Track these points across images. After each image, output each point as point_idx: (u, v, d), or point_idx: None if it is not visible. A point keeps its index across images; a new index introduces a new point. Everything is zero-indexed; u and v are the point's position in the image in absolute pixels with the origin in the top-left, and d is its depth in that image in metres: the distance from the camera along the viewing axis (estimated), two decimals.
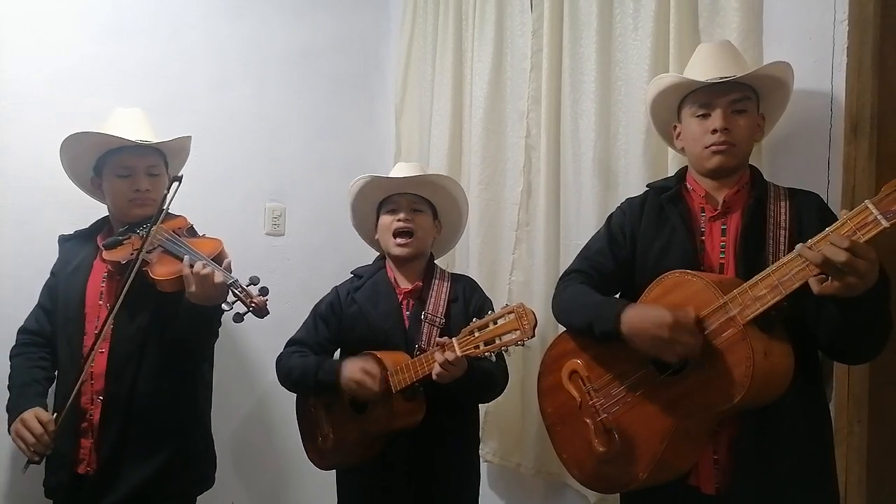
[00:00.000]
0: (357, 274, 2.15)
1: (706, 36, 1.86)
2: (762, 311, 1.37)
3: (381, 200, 2.11)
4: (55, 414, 1.82)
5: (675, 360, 1.45)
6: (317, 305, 2.14)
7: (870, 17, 1.64)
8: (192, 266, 1.78)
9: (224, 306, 1.77)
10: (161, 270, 1.83)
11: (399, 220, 2.04)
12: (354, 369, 1.86)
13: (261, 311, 1.77)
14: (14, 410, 1.87)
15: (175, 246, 1.88)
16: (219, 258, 1.89)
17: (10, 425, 1.86)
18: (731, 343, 1.39)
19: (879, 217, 1.24)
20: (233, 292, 1.78)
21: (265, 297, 1.78)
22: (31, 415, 1.81)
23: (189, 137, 2.10)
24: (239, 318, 1.78)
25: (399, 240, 2.04)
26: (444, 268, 2.18)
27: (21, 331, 2.04)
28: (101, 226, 2.08)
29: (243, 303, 1.76)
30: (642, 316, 1.49)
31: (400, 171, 2.13)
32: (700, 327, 1.43)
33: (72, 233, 2.09)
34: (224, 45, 2.67)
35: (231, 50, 2.68)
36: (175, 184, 1.86)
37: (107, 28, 2.44)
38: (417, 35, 2.86)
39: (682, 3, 1.92)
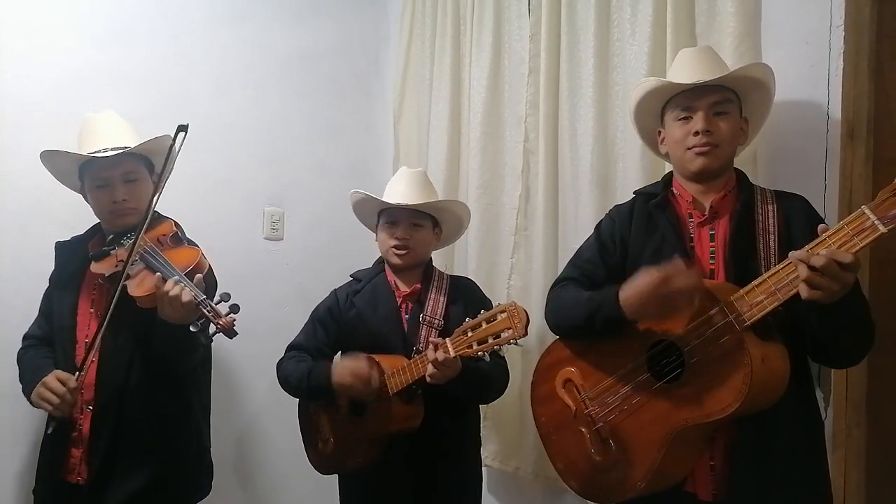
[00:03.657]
0: (356, 277, 2.14)
1: (703, 41, 1.86)
2: (760, 316, 1.37)
3: (380, 210, 2.11)
4: (77, 374, 1.80)
5: (691, 301, 1.42)
6: (315, 309, 2.14)
7: (866, 21, 1.64)
8: (163, 285, 1.72)
9: (192, 327, 1.69)
10: (137, 289, 1.79)
11: (396, 238, 2.03)
12: (344, 372, 1.88)
13: (228, 332, 1.70)
14: (32, 385, 1.85)
15: (153, 260, 1.83)
16: (195, 270, 1.82)
17: (30, 401, 1.86)
18: (729, 349, 1.39)
19: (877, 222, 1.23)
20: (202, 311, 1.70)
21: (234, 317, 1.70)
22: (51, 377, 1.81)
23: (167, 136, 1.94)
24: (208, 338, 1.77)
25: (397, 251, 2.04)
26: (442, 270, 2.18)
27: (26, 336, 2.05)
28: (93, 233, 2.05)
29: (212, 322, 1.70)
30: (633, 285, 1.49)
31: (401, 180, 2.12)
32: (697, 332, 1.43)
33: (68, 239, 2.07)
34: (224, 48, 2.67)
35: (231, 54, 2.68)
36: (181, 134, 1.77)
37: (107, 32, 2.44)
38: (416, 39, 2.85)
39: (679, 8, 1.92)
